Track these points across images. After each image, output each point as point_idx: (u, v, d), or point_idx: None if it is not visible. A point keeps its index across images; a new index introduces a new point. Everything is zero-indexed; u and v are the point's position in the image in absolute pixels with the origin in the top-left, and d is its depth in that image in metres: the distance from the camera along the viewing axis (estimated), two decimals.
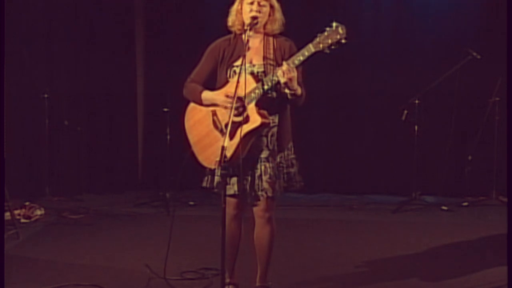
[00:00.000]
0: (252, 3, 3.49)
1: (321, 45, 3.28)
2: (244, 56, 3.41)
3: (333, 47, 3.28)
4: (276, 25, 3.56)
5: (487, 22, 6.91)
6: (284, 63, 3.35)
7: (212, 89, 3.59)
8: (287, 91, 3.40)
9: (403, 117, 6.40)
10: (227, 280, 3.65)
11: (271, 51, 3.54)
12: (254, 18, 3.48)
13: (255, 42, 3.57)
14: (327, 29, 3.28)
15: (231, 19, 3.60)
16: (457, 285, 4.09)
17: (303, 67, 3.45)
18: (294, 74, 3.34)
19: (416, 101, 6.48)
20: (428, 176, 6.93)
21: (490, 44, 6.74)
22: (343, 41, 3.27)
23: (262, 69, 3.50)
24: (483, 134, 6.74)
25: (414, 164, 6.59)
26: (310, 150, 7.26)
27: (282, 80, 3.33)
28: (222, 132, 3.48)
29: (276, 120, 3.52)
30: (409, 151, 6.68)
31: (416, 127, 6.53)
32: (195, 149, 3.60)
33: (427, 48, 7.11)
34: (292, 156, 3.62)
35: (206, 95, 3.57)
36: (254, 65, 3.52)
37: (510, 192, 5.64)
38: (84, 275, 4.18)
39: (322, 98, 7.18)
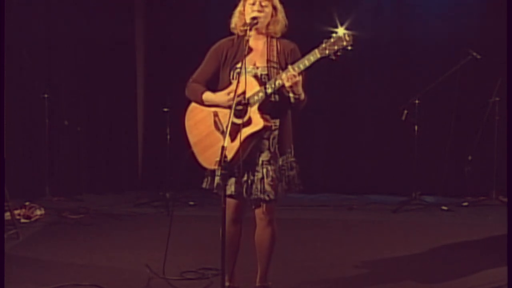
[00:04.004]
0: (253, 4, 3.48)
1: (327, 51, 3.28)
2: (245, 56, 3.40)
3: (338, 53, 3.28)
4: (279, 27, 3.55)
5: (487, 22, 6.91)
6: (289, 67, 3.34)
7: (215, 90, 3.58)
8: (291, 95, 3.40)
9: (403, 117, 6.41)
10: (227, 284, 3.64)
11: (275, 53, 3.53)
12: (254, 18, 3.47)
13: (258, 44, 3.56)
14: (333, 35, 3.28)
15: (234, 21, 3.59)
16: (457, 285, 4.09)
17: (306, 72, 3.44)
18: (299, 79, 3.33)
19: (416, 101, 6.48)
20: (428, 176, 6.93)
21: (490, 44, 6.74)
22: (349, 48, 3.27)
23: (265, 72, 3.49)
24: (483, 134, 6.74)
25: (414, 164, 6.59)
26: (310, 150, 7.27)
27: (287, 85, 3.33)
28: (223, 134, 3.47)
29: (278, 123, 3.51)
30: (409, 151, 6.68)
31: (416, 127, 6.53)
32: (196, 149, 3.59)
33: (427, 48, 7.11)
34: (292, 159, 3.61)
35: (208, 96, 3.55)
36: (257, 68, 3.51)
37: (510, 192, 5.64)
38: (84, 275, 4.18)
39: (322, 98, 7.19)
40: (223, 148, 3.09)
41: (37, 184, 6.90)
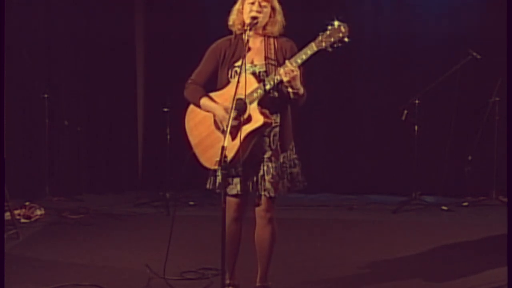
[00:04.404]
0: (253, 3, 3.49)
1: (323, 44, 3.28)
2: (244, 56, 3.40)
3: (335, 45, 3.28)
4: (276, 27, 3.56)
5: (487, 22, 6.91)
6: (287, 62, 3.34)
7: (213, 89, 3.58)
8: (290, 90, 3.40)
9: (403, 117, 6.41)
10: (227, 281, 3.65)
11: (272, 51, 3.54)
12: (254, 18, 3.48)
13: (256, 42, 3.57)
14: (329, 27, 3.28)
15: (232, 18, 3.60)
16: (457, 285, 4.09)
17: (304, 67, 3.45)
18: (297, 73, 3.33)
19: (416, 101, 6.48)
20: (428, 176, 6.93)
21: (490, 44, 6.74)
22: (346, 39, 3.27)
23: (263, 69, 3.50)
24: (483, 134, 6.74)
25: (414, 164, 6.59)
26: (310, 150, 7.27)
27: (285, 79, 3.32)
28: (223, 133, 3.47)
29: (278, 120, 3.52)
30: (409, 151, 6.68)
31: (416, 127, 6.53)
32: (197, 150, 3.58)
33: (427, 48, 7.11)
34: (294, 156, 3.62)
35: (205, 102, 3.54)
36: (255, 65, 3.51)
37: (510, 192, 5.64)
38: (84, 275, 4.18)
39: (322, 98, 7.19)
40: (223, 148, 3.09)
41: (37, 184, 6.89)
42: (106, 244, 5.12)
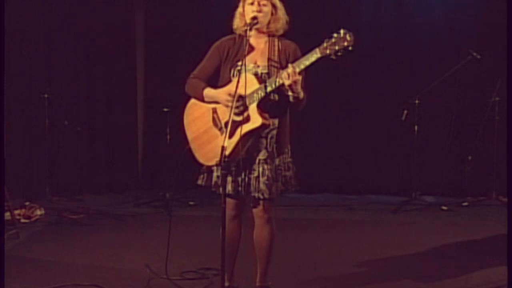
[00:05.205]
0: (252, 3, 3.49)
1: (327, 51, 3.27)
2: (245, 56, 3.40)
3: (339, 53, 3.27)
4: (280, 24, 3.56)
5: (487, 22, 6.91)
6: (289, 65, 3.34)
7: (215, 87, 3.59)
8: (290, 93, 3.40)
9: (403, 117, 6.41)
10: (226, 284, 3.64)
11: (276, 53, 3.54)
12: (253, 18, 3.48)
13: (260, 43, 3.57)
14: (335, 35, 3.26)
15: (236, 22, 3.61)
16: (457, 285, 4.09)
17: (305, 72, 3.43)
18: (299, 77, 3.33)
19: (416, 101, 6.49)
20: (428, 176, 6.93)
21: (490, 44, 6.74)
22: (350, 48, 3.26)
23: (266, 71, 3.50)
24: (483, 134, 6.74)
25: (414, 164, 6.59)
26: (310, 150, 7.27)
27: (287, 83, 3.32)
28: (221, 130, 3.48)
29: (276, 123, 3.52)
30: (409, 151, 6.68)
31: (416, 127, 6.54)
32: (193, 145, 3.60)
33: (427, 48, 7.11)
34: (289, 159, 3.61)
35: (209, 92, 3.56)
36: (258, 66, 3.51)
37: (510, 192, 5.64)
38: (84, 275, 4.19)
39: (322, 98, 7.18)
40: (223, 148, 3.09)
41: (37, 184, 6.89)
42: (106, 244, 5.12)
